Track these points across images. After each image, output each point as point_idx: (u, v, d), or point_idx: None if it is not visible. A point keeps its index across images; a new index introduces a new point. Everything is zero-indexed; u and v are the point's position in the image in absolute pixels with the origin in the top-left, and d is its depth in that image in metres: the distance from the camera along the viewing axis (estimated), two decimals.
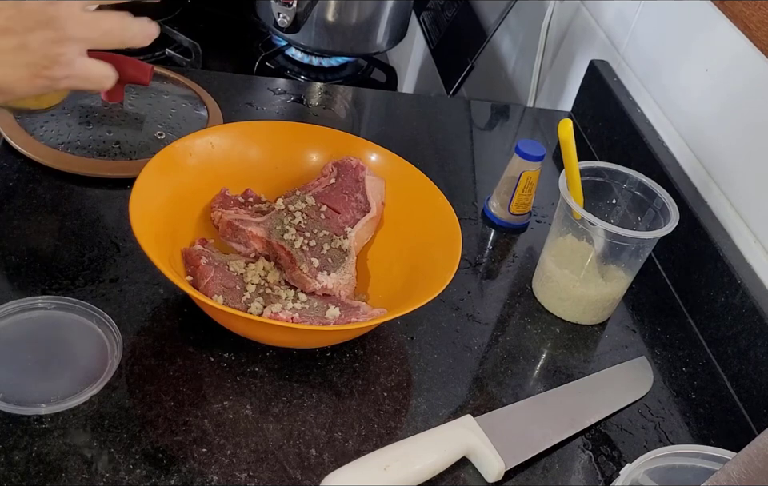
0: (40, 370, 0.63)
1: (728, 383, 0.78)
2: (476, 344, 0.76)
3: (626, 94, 1.04)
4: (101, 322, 0.66)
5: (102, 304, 0.68)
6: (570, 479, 0.66)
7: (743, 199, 0.83)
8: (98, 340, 0.65)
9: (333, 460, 0.62)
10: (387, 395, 0.68)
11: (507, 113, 1.16)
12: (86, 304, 0.67)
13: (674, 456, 0.59)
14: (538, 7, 1.29)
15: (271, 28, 1.32)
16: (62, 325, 0.66)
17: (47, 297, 0.67)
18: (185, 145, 0.76)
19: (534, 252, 0.88)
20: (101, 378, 0.62)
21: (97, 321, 0.66)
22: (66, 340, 0.66)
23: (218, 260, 0.72)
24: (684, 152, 0.93)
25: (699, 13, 0.92)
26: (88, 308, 0.67)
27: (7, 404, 0.59)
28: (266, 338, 0.69)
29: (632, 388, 0.75)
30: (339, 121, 1.05)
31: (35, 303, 0.67)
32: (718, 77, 0.89)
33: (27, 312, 0.66)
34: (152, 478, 0.58)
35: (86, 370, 0.63)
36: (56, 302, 0.67)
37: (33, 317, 0.66)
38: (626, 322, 0.83)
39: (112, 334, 0.65)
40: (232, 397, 0.65)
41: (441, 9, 1.53)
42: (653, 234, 0.75)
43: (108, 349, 0.65)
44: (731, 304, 0.78)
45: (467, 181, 0.99)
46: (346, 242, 0.76)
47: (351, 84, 1.41)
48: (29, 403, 0.60)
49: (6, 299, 0.66)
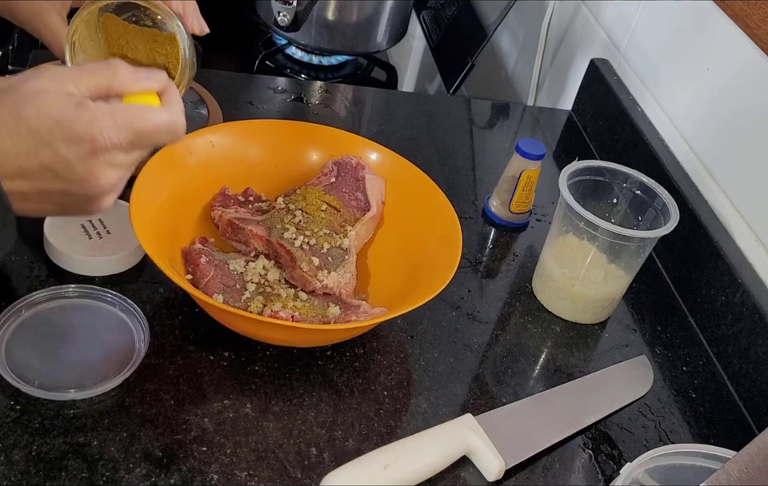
0: (70, 357, 0.64)
1: (728, 382, 0.78)
2: (476, 343, 0.76)
3: (626, 93, 1.04)
4: (126, 309, 0.68)
5: None
6: (570, 478, 0.66)
7: (744, 198, 0.83)
8: (124, 326, 0.67)
9: (333, 459, 0.62)
10: (387, 394, 0.68)
11: (507, 111, 1.16)
12: (112, 293, 0.68)
13: (674, 454, 0.59)
14: (538, 6, 1.29)
15: (271, 27, 1.32)
16: (89, 313, 0.68)
17: (78, 287, 0.69)
18: (185, 143, 0.76)
19: (535, 251, 0.88)
20: (131, 363, 0.64)
21: (121, 308, 0.68)
22: (94, 327, 0.67)
23: (218, 259, 0.71)
24: (684, 151, 0.93)
25: (700, 12, 0.92)
26: (114, 296, 0.68)
27: (45, 391, 0.60)
28: (266, 337, 0.69)
29: (632, 387, 0.75)
30: (339, 120, 1.05)
31: (66, 291, 0.68)
32: (719, 76, 0.89)
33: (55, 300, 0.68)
34: (152, 477, 0.58)
35: (115, 356, 0.65)
36: (83, 291, 0.69)
37: (62, 305, 0.68)
38: (627, 321, 0.83)
39: (138, 321, 0.67)
40: (232, 396, 0.65)
41: (441, 7, 1.53)
42: (653, 233, 0.75)
43: (135, 335, 0.66)
44: (731, 303, 0.78)
45: (467, 179, 0.99)
46: (346, 241, 0.76)
47: (351, 83, 1.41)
48: (61, 389, 0.61)
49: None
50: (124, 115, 0.53)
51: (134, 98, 0.55)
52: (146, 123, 0.54)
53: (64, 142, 0.50)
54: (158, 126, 0.54)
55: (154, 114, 0.55)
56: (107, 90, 0.54)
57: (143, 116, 0.54)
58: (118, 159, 0.53)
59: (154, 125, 0.54)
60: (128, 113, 0.53)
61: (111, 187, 0.54)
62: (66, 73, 0.53)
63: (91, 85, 0.53)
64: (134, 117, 0.53)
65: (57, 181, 0.52)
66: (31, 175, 0.51)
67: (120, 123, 0.52)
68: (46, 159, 0.50)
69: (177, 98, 0.57)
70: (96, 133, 0.51)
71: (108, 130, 0.51)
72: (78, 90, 0.52)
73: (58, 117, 0.50)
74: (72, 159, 0.51)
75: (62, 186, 0.52)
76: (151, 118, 0.54)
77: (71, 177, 0.52)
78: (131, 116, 0.53)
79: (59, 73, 0.52)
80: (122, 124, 0.52)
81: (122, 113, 0.53)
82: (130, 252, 0.72)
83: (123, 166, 0.54)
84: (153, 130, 0.54)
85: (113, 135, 0.51)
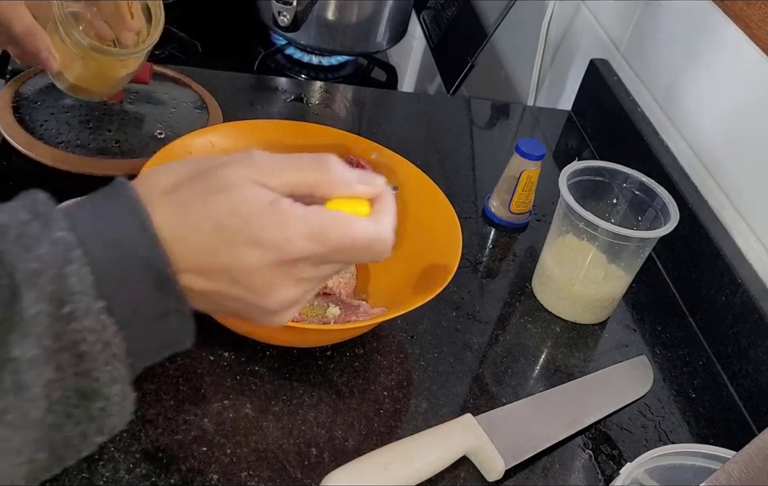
0: None
1: (728, 382, 0.78)
2: (476, 343, 0.76)
3: (626, 93, 1.04)
4: None
5: None
6: (570, 478, 0.66)
7: (744, 198, 0.83)
8: None
9: (333, 459, 0.62)
10: (387, 394, 0.68)
11: (507, 111, 1.16)
12: None
13: (674, 455, 0.59)
14: (538, 6, 1.29)
15: (271, 27, 1.32)
16: None
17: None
18: (185, 143, 0.76)
19: (534, 252, 0.88)
20: None
21: None
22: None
23: None
24: (684, 151, 0.93)
25: (700, 12, 0.92)
26: None
27: None
28: (266, 337, 0.69)
29: (632, 387, 0.75)
30: (339, 120, 1.05)
31: None
32: (719, 76, 0.89)
33: None
34: (152, 477, 0.58)
35: None
36: None
37: None
38: (626, 321, 0.83)
39: None
40: (232, 396, 0.65)
41: (441, 7, 1.53)
42: (653, 234, 0.75)
43: None
44: (731, 303, 0.78)
45: (467, 179, 0.99)
46: None
47: (351, 83, 1.41)
48: None
49: None
50: (321, 224, 0.44)
51: (340, 204, 0.46)
52: (344, 238, 0.45)
53: (247, 246, 0.44)
54: (358, 243, 0.45)
55: (357, 229, 0.45)
56: (312, 190, 0.46)
57: (343, 229, 0.45)
58: (306, 273, 0.45)
59: (352, 241, 0.45)
60: (326, 222, 0.44)
61: (292, 303, 0.47)
62: (269, 164, 0.45)
63: (294, 180, 0.45)
64: (332, 227, 0.44)
65: (233, 287, 0.45)
66: (208, 275, 0.44)
67: (314, 232, 0.44)
68: (227, 261, 0.44)
69: (390, 209, 0.48)
70: (283, 242, 0.44)
71: (299, 239, 0.44)
72: (276, 184, 0.45)
73: (248, 215, 0.43)
74: (254, 266, 0.44)
75: (238, 293, 0.45)
76: (352, 233, 0.45)
77: (251, 286, 0.45)
78: (329, 226, 0.44)
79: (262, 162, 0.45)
80: (317, 233, 0.44)
81: (319, 221, 0.44)
82: None
83: (310, 281, 0.46)
84: (350, 246, 0.45)
85: (303, 246, 0.44)
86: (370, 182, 0.47)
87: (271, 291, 0.45)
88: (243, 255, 0.44)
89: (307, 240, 0.44)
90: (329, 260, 0.46)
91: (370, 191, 0.47)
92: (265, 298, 0.45)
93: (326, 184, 0.46)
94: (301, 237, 0.44)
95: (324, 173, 0.46)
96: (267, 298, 0.45)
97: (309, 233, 0.44)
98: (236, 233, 0.43)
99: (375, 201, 0.48)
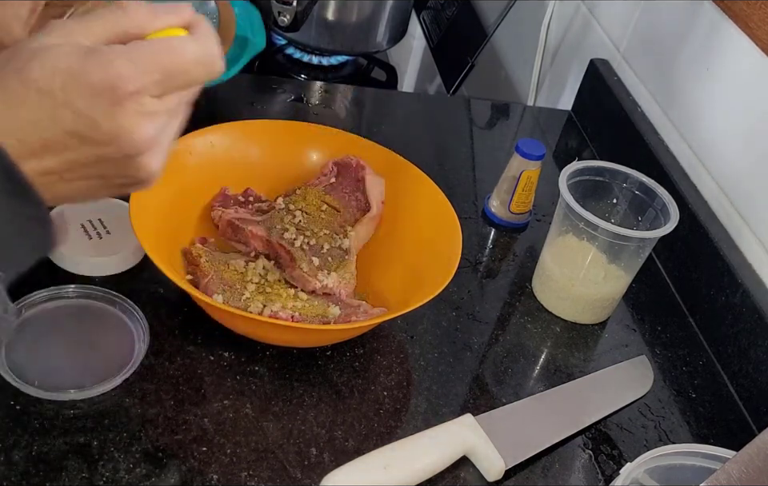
0: (70, 357, 0.64)
1: (728, 382, 0.78)
2: (476, 344, 0.76)
3: (626, 93, 1.04)
4: (126, 309, 0.68)
5: None
6: (570, 478, 0.66)
7: (743, 198, 0.83)
8: (124, 327, 0.67)
9: (333, 459, 0.62)
10: (387, 394, 0.68)
11: (507, 112, 1.16)
12: (112, 293, 0.68)
13: (674, 455, 0.59)
14: (538, 6, 1.29)
15: (271, 27, 1.32)
16: (89, 313, 0.68)
17: (78, 287, 0.69)
18: (185, 143, 0.76)
19: (534, 252, 0.88)
20: (131, 363, 0.64)
21: (121, 309, 0.68)
22: (94, 328, 0.67)
23: (218, 259, 0.71)
24: (684, 151, 0.93)
25: (699, 12, 0.92)
26: (114, 297, 0.68)
27: (45, 391, 0.60)
28: (266, 337, 0.69)
29: (632, 387, 0.75)
30: (339, 120, 1.05)
31: (66, 291, 0.68)
32: (719, 76, 0.89)
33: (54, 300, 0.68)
34: (152, 477, 0.58)
35: (115, 356, 0.65)
36: (83, 291, 0.68)
37: (62, 305, 0.68)
38: (626, 321, 0.83)
39: (138, 321, 0.67)
40: (232, 396, 0.65)
41: (441, 7, 1.53)
42: (653, 234, 0.75)
43: (135, 335, 0.66)
44: (731, 303, 0.78)
45: (467, 179, 0.99)
46: (346, 241, 0.76)
47: (351, 83, 1.40)
48: (61, 389, 0.61)
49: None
50: (145, 52, 0.44)
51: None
52: (172, 58, 0.45)
53: (81, 97, 0.42)
54: (187, 59, 0.45)
55: (182, 47, 0.45)
56: (123, 35, 0.45)
57: (168, 49, 0.45)
58: (150, 106, 0.44)
59: (182, 60, 0.45)
60: (150, 48, 0.44)
61: (150, 142, 0.45)
62: (74, 25, 0.45)
63: (102, 30, 0.45)
64: (156, 51, 0.44)
65: (85, 147, 0.44)
66: (56, 146, 0.43)
67: (141, 62, 0.44)
68: (68, 122, 0.43)
69: (208, 29, 0.48)
70: (114, 78, 0.42)
71: (127, 70, 0.43)
72: (89, 40, 0.44)
73: (67, 69, 0.42)
74: (95, 115, 0.43)
75: (93, 152, 0.44)
76: (178, 52, 0.45)
77: (100, 138, 0.43)
78: (154, 51, 0.44)
79: (67, 26, 0.45)
80: (144, 62, 0.44)
81: (143, 49, 0.44)
82: (129, 253, 0.72)
83: (158, 114, 0.45)
84: (181, 66, 0.45)
85: (135, 77, 0.43)
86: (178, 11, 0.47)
87: (121, 134, 0.44)
88: (81, 108, 0.43)
89: (136, 70, 0.43)
90: (168, 89, 0.45)
91: (181, 18, 0.47)
92: (120, 144, 0.44)
93: (134, 23, 0.46)
94: (130, 70, 0.43)
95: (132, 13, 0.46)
96: (122, 143, 0.44)
97: (137, 63, 0.43)
98: (62, 91, 0.42)
99: (192, 29, 0.47)
